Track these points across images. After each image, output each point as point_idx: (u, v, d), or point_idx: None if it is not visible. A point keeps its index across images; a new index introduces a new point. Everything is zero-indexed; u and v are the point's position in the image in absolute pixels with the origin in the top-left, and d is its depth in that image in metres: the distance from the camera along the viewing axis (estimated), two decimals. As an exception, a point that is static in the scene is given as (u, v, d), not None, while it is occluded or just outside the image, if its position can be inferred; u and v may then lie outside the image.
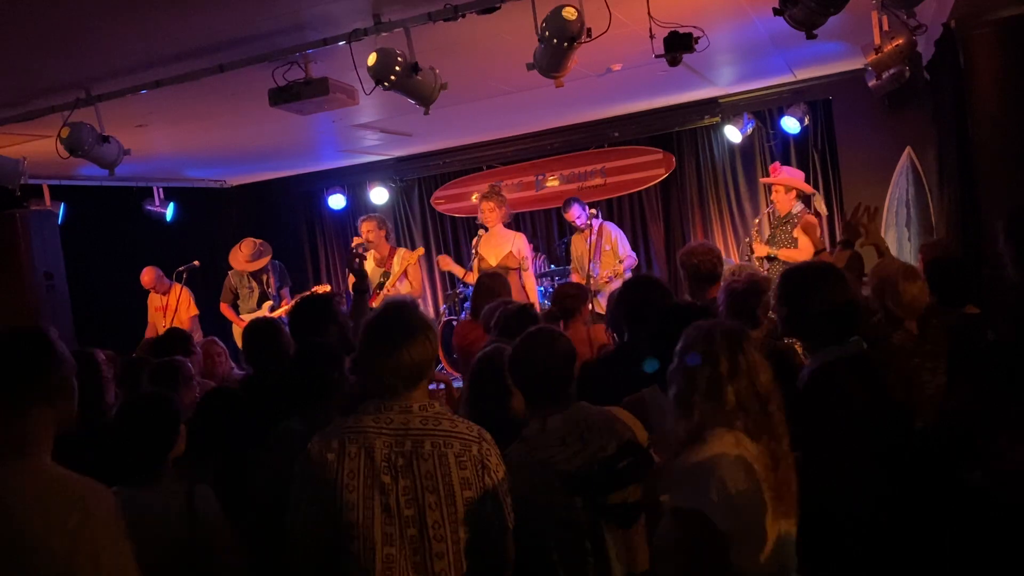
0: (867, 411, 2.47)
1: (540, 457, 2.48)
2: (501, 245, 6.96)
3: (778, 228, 6.50)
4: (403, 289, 6.81)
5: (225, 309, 7.68)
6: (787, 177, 6.59)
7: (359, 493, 2.19)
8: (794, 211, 6.43)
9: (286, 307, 7.44)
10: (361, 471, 2.20)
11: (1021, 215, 2.99)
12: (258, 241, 7.67)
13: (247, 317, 7.30)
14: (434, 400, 2.31)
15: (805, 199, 6.79)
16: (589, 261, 7.27)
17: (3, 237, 7.16)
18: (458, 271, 7.26)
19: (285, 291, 7.68)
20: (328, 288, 7.82)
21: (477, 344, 3.76)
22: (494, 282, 4.92)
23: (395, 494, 2.18)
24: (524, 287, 6.83)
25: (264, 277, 7.59)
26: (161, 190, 8.87)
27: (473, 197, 8.96)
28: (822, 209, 7.32)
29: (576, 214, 7.40)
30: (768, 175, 7.12)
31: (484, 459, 2.22)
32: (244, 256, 7.56)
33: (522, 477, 2.45)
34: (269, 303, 7.50)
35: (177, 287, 7.64)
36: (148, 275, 7.71)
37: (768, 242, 6.50)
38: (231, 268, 7.69)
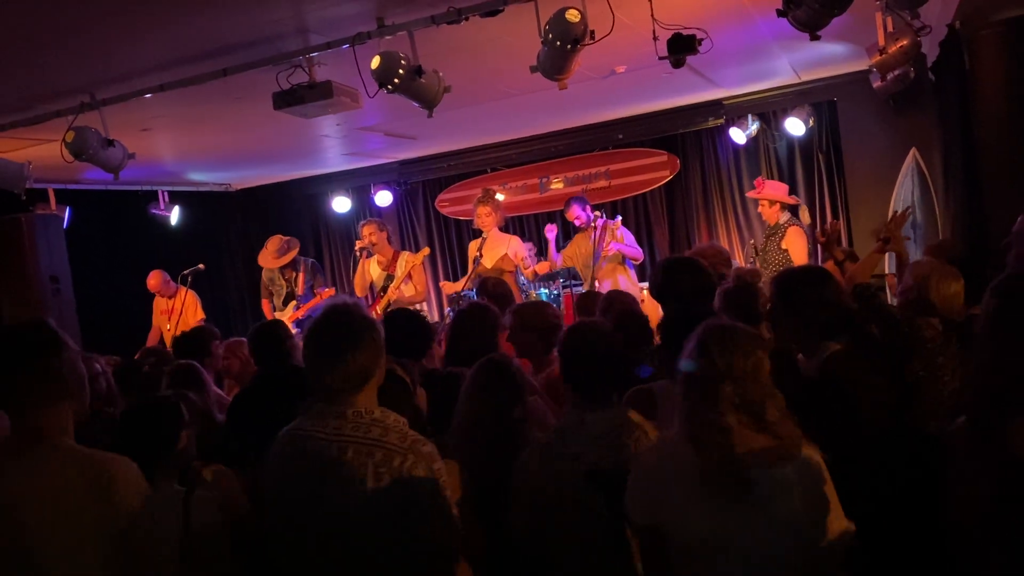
0: (873, 400, 2.52)
1: (572, 451, 2.49)
2: (496, 248, 7.01)
3: (769, 239, 6.65)
4: (407, 292, 6.81)
5: (266, 306, 7.72)
6: (770, 191, 6.78)
7: (290, 497, 2.20)
8: (781, 222, 6.58)
9: (307, 306, 7.43)
10: (294, 475, 2.20)
11: None
12: (285, 238, 7.68)
13: (278, 315, 7.32)
14: (381, 408, 2.25)
15: (793, 209, 6.93)
16: (594, 260, 7.26)
17: (9, 241, 7.17)
18: (459, 285, 7.26)
19: (320, 289, 7.62)
20: (332, 291, 7.80)
21: None
22: (499, 289, 4.86)
23: (320, 500, 2.16)
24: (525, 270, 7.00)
25: (293, 275, 7.59)
26: (166, 194, 8.89)
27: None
28: (806, 219, 7.40)
29: (576, 213, 7.36)
30: (770, 178, 7.37)
31: (407, 472, 2.12)
32: (271, 253, 7.58)
33: (548, 466, 2.48)
34: (294, 303, 7.50)
35: (183, 291, 7.67)
36: (154, 278, 7.75)
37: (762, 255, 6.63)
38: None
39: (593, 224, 7.23)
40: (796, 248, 6.37)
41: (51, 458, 2.02)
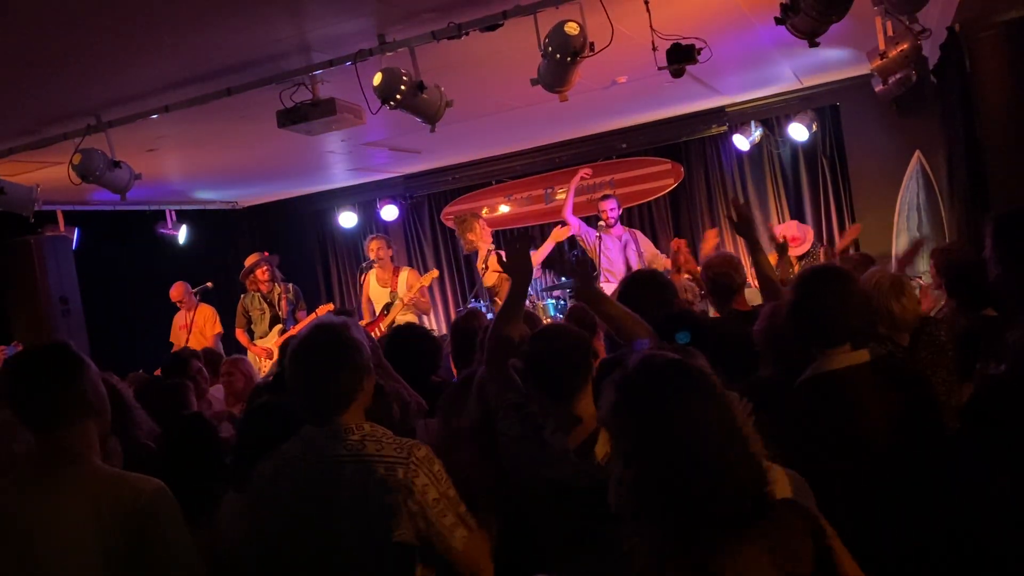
0: (827, 436, 2.38)
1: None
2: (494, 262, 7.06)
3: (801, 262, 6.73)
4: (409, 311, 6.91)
5: (240, 335, 7.58)
6: (794, 230, 7.02)
7: (282, 524, 2.18)
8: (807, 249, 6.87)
9: (298, 327, 7.42)
10: (285, 501, 2.17)
11: (1008, 221, 2.93)
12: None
13: (260, 342, 7.29)
14: (369, 423, 2.23)
15: None
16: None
17: (19, 263, 7.23)
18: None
19: (301, 313, 7.59)
20: (332, 307, 7.81)
21: None
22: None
23: (316, 523, 2.13)
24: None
25: (277, 298, 7.54)
26: (173, 213, 8.93)
27: (484, 211, 9.01)
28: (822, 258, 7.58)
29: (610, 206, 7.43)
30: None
31: (409, 483, 2.11)
32: (248, 262, 7.53)
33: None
34: (279, 327, 7.41)
35: (203, 306, 7.71)
36: (177, 290, 7.70)
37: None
38: (244, 292, 7.67)
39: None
40: None
41: (81, 477, 2.04)
